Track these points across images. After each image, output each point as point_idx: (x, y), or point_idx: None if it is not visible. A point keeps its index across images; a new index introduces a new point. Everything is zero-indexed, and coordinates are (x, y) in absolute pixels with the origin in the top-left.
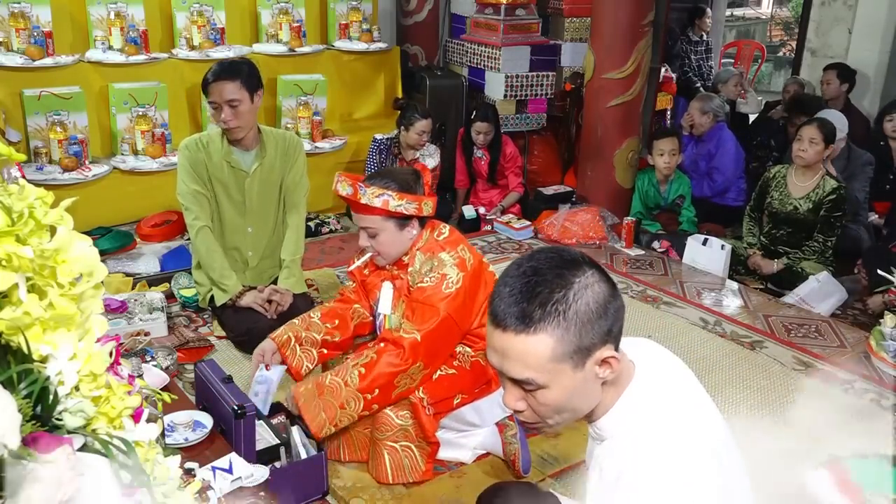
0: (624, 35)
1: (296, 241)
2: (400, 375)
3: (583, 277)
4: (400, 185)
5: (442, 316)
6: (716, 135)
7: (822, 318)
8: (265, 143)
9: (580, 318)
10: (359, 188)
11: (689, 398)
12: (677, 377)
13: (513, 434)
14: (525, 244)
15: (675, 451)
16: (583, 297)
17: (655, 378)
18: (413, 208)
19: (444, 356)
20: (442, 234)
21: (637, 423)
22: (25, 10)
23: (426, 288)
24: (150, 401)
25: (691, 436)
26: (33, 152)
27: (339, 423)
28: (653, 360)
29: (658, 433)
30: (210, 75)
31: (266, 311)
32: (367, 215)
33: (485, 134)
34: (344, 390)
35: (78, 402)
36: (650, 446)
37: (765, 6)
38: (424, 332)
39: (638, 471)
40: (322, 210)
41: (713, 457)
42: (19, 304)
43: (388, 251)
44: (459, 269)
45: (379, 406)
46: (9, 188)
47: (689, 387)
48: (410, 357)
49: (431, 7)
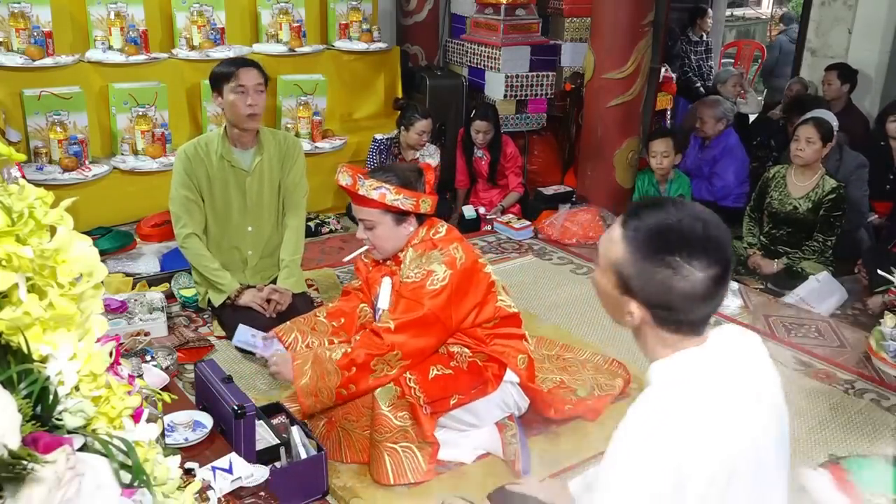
0: (624, 35)
1: (295, 242)
2: (376, 359)
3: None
4: (400, 180)
5: (424, 312)
6: (722, 141)
7: (822, 318)
8: (263, 142)
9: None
10: (358, 179)
11: (726, 401)
12: (735, 377)
13: (513, 434)
14: (525, 244)
15: (649, 439)
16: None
17: (710, 363)
18: (410, 204)
19: (428, 351)
20: (438, 232)
21: (662, 390)
22: (25, 10)
23: (409, 283)
24: (150, 401)
25: (670, 437)
26: (33, 152)
27: (320, 393)
28: (726, 351)
29: (652, 415)
30: (230, 65)
31: (265, 310)
32: (364, 207)
33: (484, 133)
34: (327, 363)
35: (78, 402)
36: (640, 418)
37: (765, 6)
38: (398, 321)
39: (618, 437)
40: (322, 210)
41: (676, 472)
42: (19, 304)
43: (383, 245)
44: (447, 267)
45: (356, 388)
46: (9, 188)
47: (743, 391)
48: (385, 344)
49: (431, 7)
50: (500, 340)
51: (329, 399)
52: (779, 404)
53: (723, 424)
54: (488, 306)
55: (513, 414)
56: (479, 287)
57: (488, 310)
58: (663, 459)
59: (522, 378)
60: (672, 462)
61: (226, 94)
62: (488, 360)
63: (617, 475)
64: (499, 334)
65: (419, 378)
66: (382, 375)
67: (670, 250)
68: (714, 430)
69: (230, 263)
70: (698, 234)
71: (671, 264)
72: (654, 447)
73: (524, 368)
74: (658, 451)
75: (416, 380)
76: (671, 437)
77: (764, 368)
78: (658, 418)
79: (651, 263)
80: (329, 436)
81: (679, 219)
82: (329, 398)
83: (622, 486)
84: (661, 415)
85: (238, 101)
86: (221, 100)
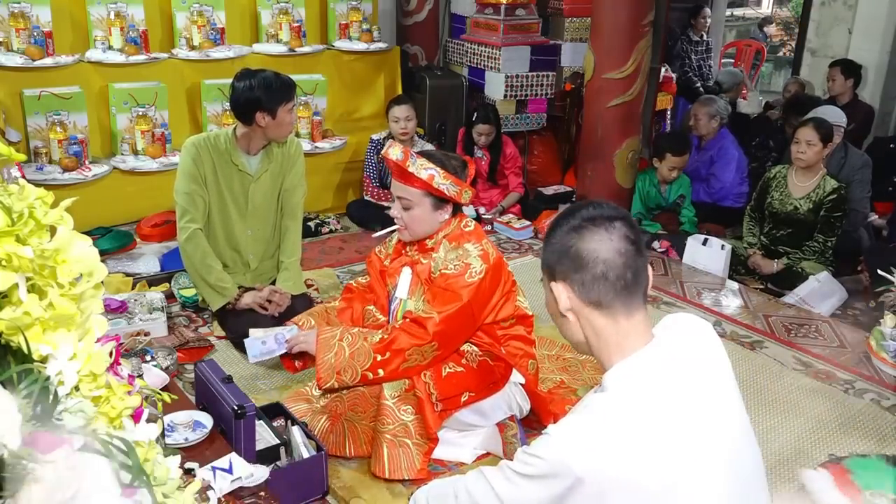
0: (624, 35)
1: (294, 243)
2: (413, 349)
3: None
4: (449, 167)
5: (463, 302)
6: (718, 142)
7: (822, 318)
8: (271, 148)
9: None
10: (410, 156)
11: (680, 396)
12: (689, 366)
13: (513, 434)
14: (525, 244)
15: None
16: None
17: (661, 359)
18: (455, 191)
19: (457, 344)
20: (468, 226)
21: (615, 394)
22: (25, 10)
23: (449, 275)
24: (150, 401)
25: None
26: (33, 152)
27: (344, 372)
28: (675, 341)
29: (609, 418)
30: (284, 87)
31: (265, 310)
32: (408, 185)
33: (486, 135)
34: (361, 343)
35: (78, 402)
36: (598, 415)
37: (765, 6)
38: (443, 314)
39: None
40: (322, 210)
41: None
42: (19, 304)
43: (416, 228)
44: (483, 261)
45: (384, 372)
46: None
47: (696, 380)
48: (428, 334)
49: (431, 7)
50: (513, 342)
51: (352, 379)
52: (734, 398)
53: (668, 441)
54: (508, 304)
55: (514, 415)
56: (504, 284)
57: (508, 308)
58: (573, 469)
59: (529, 382)
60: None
61: (280, 115)
62: (496, 359)
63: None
64: (513, 335)
65: (434, 374)
66: (413, 365)
67: (573, 223)
68: (657, 446)
69: (232, 266)
70: (594, 210)
71: (573, 228)
72: (576, 454)
73: (532, 373)
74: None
75: (430, 375)
76: (600, 449)
77: (717, 363)
78: (595, 428)
79: (560, 237)
80: (333, 429)
81: (582, 207)
82: (352, 378)
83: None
84: (599, 424)
85: (291, 120)
86: (270, 119)
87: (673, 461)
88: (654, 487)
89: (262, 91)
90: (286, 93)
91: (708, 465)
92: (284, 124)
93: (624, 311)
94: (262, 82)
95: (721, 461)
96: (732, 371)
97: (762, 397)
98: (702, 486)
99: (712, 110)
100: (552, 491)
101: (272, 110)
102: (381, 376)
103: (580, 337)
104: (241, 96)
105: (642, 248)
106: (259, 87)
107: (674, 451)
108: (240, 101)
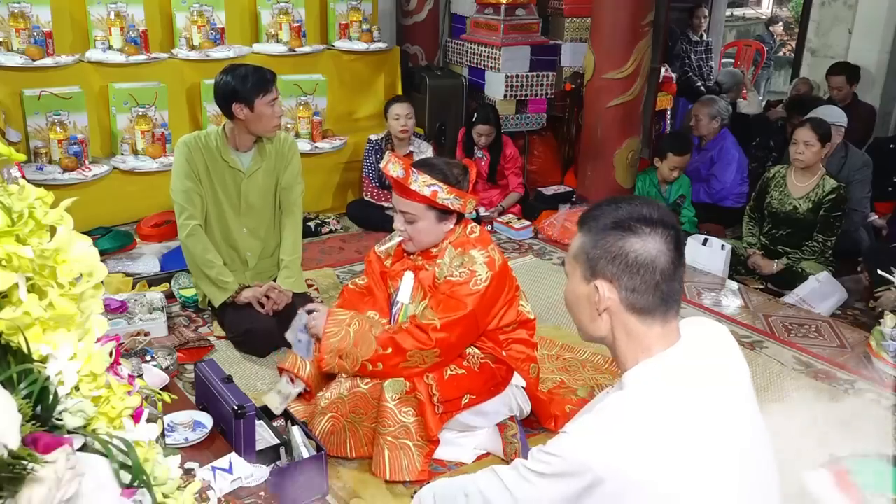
0: (624, 35)
1: (294, 241)
2: (416, 350)
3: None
4: (451, 180)
5: (468, 311)
6: (718, 143)
7: (822, 318)
8: (263, 145)
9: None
10: (411, 173)
11: (696, 403)
12: (709, 375)
13: (513, 434)
14: (525, 244)
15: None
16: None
17: (684, 365)
18: (458, 204)
19: (459, 351)
20: (474, 232)
21: (637, 394)
22: (25, 10)
23: (454, 282)
24: (150, 401)
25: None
26: (33, 152)
27: (345, 358)
28: (696, 345)
29: (631, 422)
30: (260, 79)
31: (262, 307)
32: (410, 200)
33: (486, 136)
34: (366, 332)
35: (78, 402)
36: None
37: (765, 6)
38: (445, 321)
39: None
40: (322, 210)
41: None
42: (19, 304)
43: (421, 239)
44: (489, 268)
45: (383, 367)
46: (9, 188)
47: (715, 390)
48: (430, 340)
49: (431, 7)
50: (515, 346)
51: (352, 367)
52: (751, 397)
53: (692, 440)
54: (511, 310)
55: (514, 416)
56: (509, 290)
57: (511, 313)
58: (591, 468)
59: (531, 386)
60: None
61: (258, 107)
62: (498, 362)
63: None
64: (515, 339)
65: (436, 376)
66: (412, 366)
67: (626, 221)
68: (681, 444)
69: (231, 264)
70: (647, 210)
71: (629, 228)
72: (596, 452)
73: (534, 377)
74: (593, 458)
75: (433, 377)
76: (621, 448)
77: (736, 364)
78: (617, 426)
79: (611, 234)
80: (334, 430)
81: (629, 202)
82: (353, 366)
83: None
84: (621, 422)
85: (272, 113)
86: (248, 111)
87: (689, 465)
88: (668, 490)
89: (239, 82)
90: (262, 84)
91: (722, 472)
92: (265, 117)
93: (662, 318)
94: (238, 74)
95: (736, 468)
96: (750, 377)
97: (762, 397)
98: (715, 491)
99: (713, 111)
100: (569, 490)
101: (249, 102)
102: (379, 370)
103: (604, 333)
104: (218, 89)
105: (684, 257)
106: (235, 79)
107: (690, 455)
108: (218, 93)
